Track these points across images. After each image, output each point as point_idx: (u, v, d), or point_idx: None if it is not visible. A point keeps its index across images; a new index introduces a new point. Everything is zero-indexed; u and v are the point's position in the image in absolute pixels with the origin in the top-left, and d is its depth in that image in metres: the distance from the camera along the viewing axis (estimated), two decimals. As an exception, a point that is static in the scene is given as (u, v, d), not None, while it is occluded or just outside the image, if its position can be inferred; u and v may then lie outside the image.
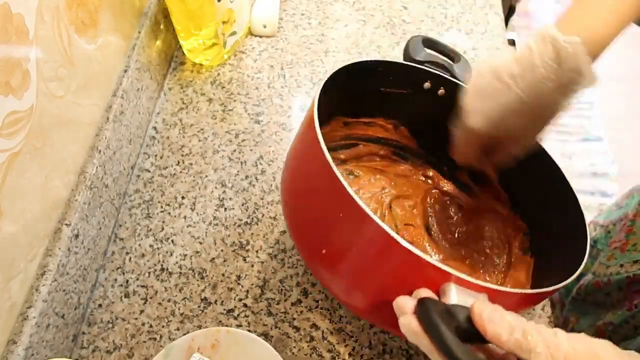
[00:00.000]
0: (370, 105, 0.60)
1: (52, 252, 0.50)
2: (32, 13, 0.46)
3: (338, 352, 0.55)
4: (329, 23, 0.86)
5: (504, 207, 0.60)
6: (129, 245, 0.62)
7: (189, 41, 0.76)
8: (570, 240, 0.47)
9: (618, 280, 0.60)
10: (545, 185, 0.54)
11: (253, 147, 0.71)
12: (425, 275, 0.36)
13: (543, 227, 0.55)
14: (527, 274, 0.54)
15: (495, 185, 0.60)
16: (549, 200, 0.53)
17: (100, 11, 0.60)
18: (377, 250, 0.39)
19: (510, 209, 0.59)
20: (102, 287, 0.59)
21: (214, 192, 0.66)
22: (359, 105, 0.60)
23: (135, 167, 0.69)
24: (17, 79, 0.44)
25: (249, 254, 0.61)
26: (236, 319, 0.57)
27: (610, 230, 0.69)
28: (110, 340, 0.55)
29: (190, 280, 0.59)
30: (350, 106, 0.59)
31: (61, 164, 0.53)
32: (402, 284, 0.38)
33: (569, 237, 0.48)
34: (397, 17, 0.87)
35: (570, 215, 0.49)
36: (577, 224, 0.47)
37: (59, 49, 0.51)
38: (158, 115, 0.74)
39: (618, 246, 0.62)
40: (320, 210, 0.44)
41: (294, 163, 0.50)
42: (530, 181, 0.56)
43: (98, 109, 0.61)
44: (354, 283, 0.44)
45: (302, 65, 0.80)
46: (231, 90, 0.77)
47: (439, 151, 0.61)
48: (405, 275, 0.38)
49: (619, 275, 0.59)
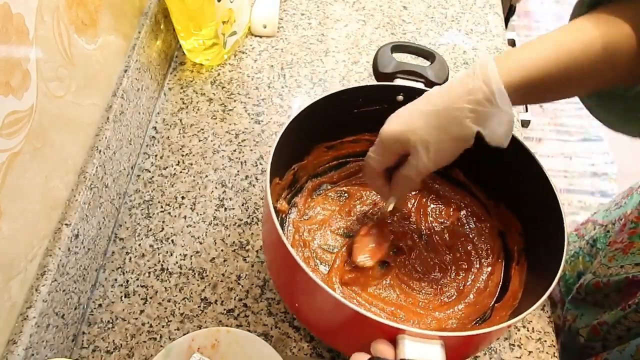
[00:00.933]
0: (350, 126, 0.61)
1: (52, 252, 0.50)
2: (32, 13, 0.46)
3: (338, 352, 0.55)
4: (329, 23, 0.86)
5: (498, 205, 0.60)
6: (129, 245, 0.62)
7: (189, 41, 0.76)
8: (552, 251, 0.48)
9: (617, 281, 0.60)
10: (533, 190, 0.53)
11: (253, 147, 0.71)
12: (379, 329, 0.40)
13: (531, 230, 0.55)
14: (521, 279, 0.54)
15: (489, 185, 0.60)
16: (536, 203, 0.53)
17: (100, 11, 0.60)
18: (331, 312, 0.45)
19: (505, 207, 0.59)
20: (102, 287, 0.59)
21: (214, 192, 0.66)
22: (337, 129, 0.61)
23: (135, 167, 0.69)
24: (17, 79, 0.44)
25: (249, 254, 0.61)
26: (236, 319, 0.57)
27: (610, 230, 0.69)
28: (110, 340, 0.55)
29: (190, 280, 0.59)
30: (329, 133, 0.61)
31: (61, 164, 0.53)
32: (360, 335, 0.43)
33: (550, 246, 0.48)
34: (397, 17, 0.87)
35: (552, 223, 0.49)
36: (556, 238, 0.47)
37: (59, 49, 0.51)
38: (158, 115, 0.74)
39: (620, 247, 0.62)
40: (285, 273, 0.50)
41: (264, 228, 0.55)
42: (521, 181, 0.56)
43: (98, 109, 0.61)
44: (324, 332, 0.51)
45: (302, 65, 0.80)
46: (231, 90, 0.77)
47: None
48: (360, 330, 0.43)
49: (618, 276, 0.59)
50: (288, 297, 0.52)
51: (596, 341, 0.61)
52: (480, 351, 0.55)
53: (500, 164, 0.55)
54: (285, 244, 0.43)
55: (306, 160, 0.60)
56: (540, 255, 0.52)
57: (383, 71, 0.59)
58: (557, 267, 0.44)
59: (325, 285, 0.40)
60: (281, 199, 0.58)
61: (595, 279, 0.63)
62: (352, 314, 0.40)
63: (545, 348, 0.55)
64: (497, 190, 0.60)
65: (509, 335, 0.56)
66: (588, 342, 0.62)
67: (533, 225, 0.55)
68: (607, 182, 1.78)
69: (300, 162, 0.60)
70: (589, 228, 0.74)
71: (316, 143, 0.61)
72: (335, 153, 0.63)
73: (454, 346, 0.40)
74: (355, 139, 0.62)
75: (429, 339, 0.38)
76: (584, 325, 0.63)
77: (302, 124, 0.53)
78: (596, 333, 0.61)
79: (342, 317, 0.44)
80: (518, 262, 0.55)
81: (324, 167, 0.64)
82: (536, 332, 0.56)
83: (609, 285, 0.61)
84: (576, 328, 0.65)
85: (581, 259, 0.71)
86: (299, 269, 0.41)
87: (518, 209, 0.57)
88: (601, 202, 1.71)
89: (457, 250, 0.59)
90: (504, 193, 0.59)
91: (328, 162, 0.63)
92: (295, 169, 0.59)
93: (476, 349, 0.51)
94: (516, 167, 0.53)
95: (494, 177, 0.58)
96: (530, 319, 0.57)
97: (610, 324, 0.59)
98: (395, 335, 0.39)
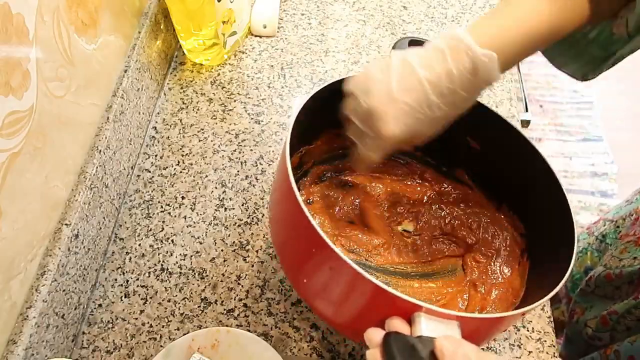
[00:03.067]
0: None
1: (52, 252, 0.50)
2: (32, 13, 0.46)
3: (338, 352, 0.55)
4: (329, 23, 0.86)
5: (500, 207, 0.60)
6: (129, 245, 0.62)
7: (189, 41, 0.76)
8: (560, 248, 0.47)
9: (630, 272, 0.60)
10: (540, 190, 0.53)
11: (253, 147, 0.71)
12: (395, 306, 0.38)
13: (536, 229, 0.55)
14: (522, 278, 0.54)
15: (493, 184, 0.60)
16: (543, 202, 0.53)
17: (100, 11, 0.60)
18: (348, 286, 0.41)
19: (508, 210, 0.59)
20: (102, 287, 0.59)
21: (214, 192, 0.66)
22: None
23: (135, 167, 0.69)
24: (17, 79, 0.44)
25: (249, 254, 0.61)
26: (236, 319, 0.57)
27: (620, 225, 0.70)
28: (110, 340, 0.55)
29: (190, 280, 0.59)
30: (340, 121, 0.60)
31: (61, 164, 0.53)
32: (374, 313, 0.40)
33: (558, 243, 0.48)
34: (397, 17, 0.87)
35: (560, 220, 0.49)
36: (566, 231, 0.47)
37: (59, 49, 0.51)
38: (158, 115, 0.74)
39: (633, 240, 0.62)
40: (297, 244, 0.47)
41: (274, 197, 0.51)
42: (526, 183, 0.55)
43: (98, 109, 0.61)
44: (333, 311, 0.46)
45: (302, 65, 0.80)
46: (231, 90, 0.77)
47: (435, 151, 0.61)
48: (376, 306, 0.40)
49: (631, 267, 0.60)
50: (295, 271, 0.49)
51: (604, 332, 0.61)
52: (492, 338, 0.54)
53: (505, 163, 0.55)
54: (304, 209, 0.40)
55: (314, 144, 0.60)
56: (546, 254, 0.52)
57: None
58: (568, 262, 0.43)
59: (345, 256, 0.38)
60: None
61: (606, 271, 0.63)
62: (371, 288, 0.38)
63: (545, 348, 0.55)
64: (499, 192, 0.60)
65: (509, 335, 0.56)
66: (596, 332, 0.62)
67: (537, 224, 0.54)
68: (607, 182, 1.78)
69: (308, 145, 0.59)
70: (599, 225, 0.75)
71: (326, 128, 0.59)
72: (344, 142, 0.62)
73: (468, 329, 0.39)
74: None
75: (446, 318, 0.37)
76: (593, 317, 0.64)
77: (318, 104, 0.51)
78: (605, 323, 0.61)
79: (357, 291, 0.41)
80: (519, 263, 0.55)
81: (331, 155, 0.63)
82: (536, 332, 0.56)
83: (621, 277, 0.61)
84: (584, 320, 0.65)
85: (589, 254, 0.72)
86: (315, 236, 0.39)
87: (520, 209, 0.57)
88: (601, 202, 1.71)
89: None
90: (507, 194, 0.59)
91: (335, 149, 0.63)
92: (303, 152, 0.59)
93: (487, 334, 0.49)
94: (523, 166, 0.53)
95: (497, 178, 0.58)
96: (530, 319, 0.57)
97: (620, 313, 0.59)
98: (411, 313, 0.38)
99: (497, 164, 0.56)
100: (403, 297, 0.37)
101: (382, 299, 0.38)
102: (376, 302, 0.40)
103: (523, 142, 0.52)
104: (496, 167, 0.57)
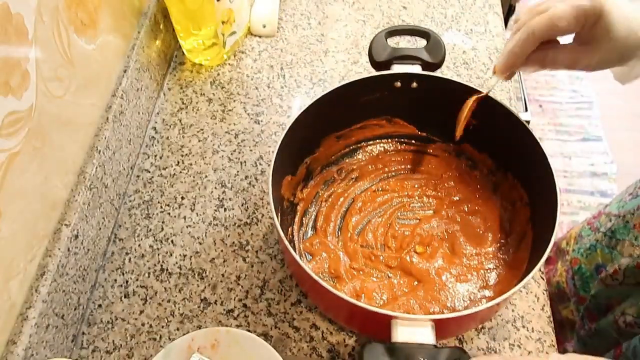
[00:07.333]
0: (356, 114, 0.64)
1: (51, 252, 0.50)
2: (32, 13, 0.46)
3: (338, 352, 0.55)
4: (328, 23, 0.86)
5: (506, 176, 0.62)
6: (128, 245, 0.62)
7: (188, 41, 0.76)
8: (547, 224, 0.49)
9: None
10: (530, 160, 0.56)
11: (253, 147, 0.71)
12: (373, 317, 0.45)
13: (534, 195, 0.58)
14: (528, 248, 0.55)
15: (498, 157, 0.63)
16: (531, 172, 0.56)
17: (99, 11, 0.60)
18: (335, 305, 0.51)
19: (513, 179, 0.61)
20: (102, 288, 0.59)
21: (213, 193, 0.66)
22: (344, 119, 0.64)
23: (135, 167, 0.69)
24: (17, 79, 0.44)
25: (249, 254, 0.61)
26: (236, 319, 0.56)
27: (629, 220, 0.69)
28: (110, 340, 0.55)
29: (190, 281, 0.59)
30: (337, 124, 0.64)
31: (61, 164, 0.53)
32: (360, 319, 0.50)
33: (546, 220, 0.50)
34: (397, 17, 0.87)
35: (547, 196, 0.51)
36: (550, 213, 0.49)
37: (59, 49, 0.51)
38: (158, 116, 0.74)
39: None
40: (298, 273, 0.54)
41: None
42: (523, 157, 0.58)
43: (97, 109, 0.61)
44: (334, 315, 0.55)
45: (301, 65, 0.80)
46: (231, 90, 0.77)
47: (438, 131, 0.65)
48: (359, 316, 0.49)
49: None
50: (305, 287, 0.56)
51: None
52: (473, 327, 0.56)
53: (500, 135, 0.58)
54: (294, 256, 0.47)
55: (317, 152, 0.63)
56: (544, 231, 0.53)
57: (378, 60, 0.60)
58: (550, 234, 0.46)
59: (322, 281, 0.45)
60: (298, 192, 0.62)
61: (635, 261, 0.63)
62: (352, 306, 0.44)
63: (545, 348, 0.55)
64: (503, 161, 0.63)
65: (509, 335, 0.56)
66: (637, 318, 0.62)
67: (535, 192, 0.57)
68: (607, 182, 1.78)
69: (312, 155, 0.62)
70: (602, 220, 0.73)
71: (325, 134, 0.63)
72: (346, 141, 0.66)
73: (444, 328, 0.44)
74: (363, 125, 0.65)
75: (421, 322, 0.42)
76: (630, 305, 0.63)
77: (304, 123, 0.55)
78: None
79: (343, 308, 0.49)
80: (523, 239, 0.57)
81: (337, 156, 0.66)
82: (536, 332, 0.56)
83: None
84: (621, 310, 0.64)
85: (599, 252, 0.71)
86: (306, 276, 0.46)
87: (522, 178, 0.60)
88: (601, 202, 1.71)
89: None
90: (510, 164, 0.61)
91: (339, 150, 0.66)
92: (308, 162, 0.62)
93: (465, 327, 0.54)
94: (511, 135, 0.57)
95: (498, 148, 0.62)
96: (530, 319, 0.57)
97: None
98: (388, 321, 0.43)
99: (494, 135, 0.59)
100: (376, 311, 0.44)
101: (359, 312, 0.45)
102: (356, 313, 0.48)
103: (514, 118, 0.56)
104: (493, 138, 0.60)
